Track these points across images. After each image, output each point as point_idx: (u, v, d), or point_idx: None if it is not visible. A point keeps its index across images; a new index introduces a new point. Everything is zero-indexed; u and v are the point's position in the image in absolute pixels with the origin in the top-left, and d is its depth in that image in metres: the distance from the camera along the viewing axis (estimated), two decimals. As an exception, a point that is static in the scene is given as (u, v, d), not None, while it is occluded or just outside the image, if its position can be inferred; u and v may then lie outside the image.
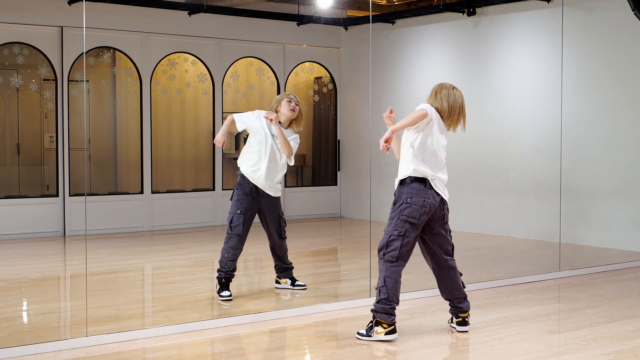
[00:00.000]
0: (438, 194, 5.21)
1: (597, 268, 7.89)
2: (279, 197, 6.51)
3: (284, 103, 6.45)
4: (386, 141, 5.05)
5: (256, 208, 6.42)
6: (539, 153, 9.91)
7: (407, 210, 5.13)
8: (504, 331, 5.45)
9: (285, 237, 6.62)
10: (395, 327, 5.17)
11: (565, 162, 9.07)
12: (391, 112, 5.42)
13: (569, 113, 9.38)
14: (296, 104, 6.47)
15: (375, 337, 5.16)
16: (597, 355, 4.88)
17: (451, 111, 5.27)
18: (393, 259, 5.14)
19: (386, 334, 5.13)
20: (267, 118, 6.32)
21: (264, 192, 6.38)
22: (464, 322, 5.43)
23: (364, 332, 5.22)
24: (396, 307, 5.19)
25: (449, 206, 5.30)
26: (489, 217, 10.56)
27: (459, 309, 5.44)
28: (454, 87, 5.38)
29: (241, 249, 6.37)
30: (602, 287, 7.07)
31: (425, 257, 5.47)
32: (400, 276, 5.19)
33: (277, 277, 6.75)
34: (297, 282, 6.70)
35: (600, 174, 9.36)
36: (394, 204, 5.23)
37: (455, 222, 10.80)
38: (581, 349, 5.02)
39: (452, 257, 5.42)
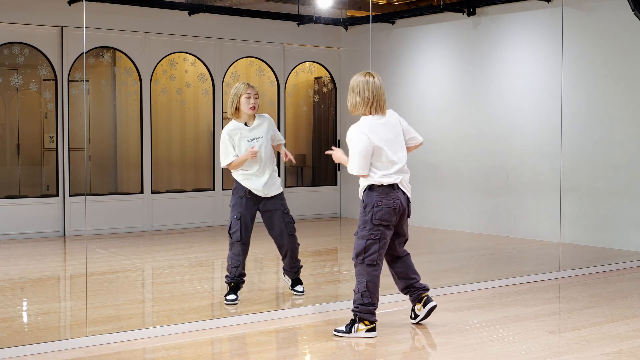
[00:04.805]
0: (404, 193, 5.29)
1: (597, 268, 7.89)
2: (278, 195, 6.34)
3: (243, 100, 6.18)
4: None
5: (254, 211, 6.28)
6: (539, 153, 9.91)
7: (379, 214, 5.19)
8: (504, 331, 5.45)
9: (294, 235, 6.39)
10: (375, 325, 5.28)
11: (565, 162, 9.07)
12: None
13: (569, 113, 9.38)
14: (256, 98, 6.21)
15: (355, 333, 5.23)
16: (597, 355, 4.88)
17: (367, 100, 5.26)
18: (373, 262, 5.22)
19: (367, 331, 5.23)
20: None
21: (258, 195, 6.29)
22: (429, 299, 5.50)
23: (344, 329, 5.28)
24: (377, 307, 5.32)
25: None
26: (489, 217, 10.56)
27: (422, 288, 5.51)
28: (366, 74, 5.34)
29: (244, 255, 6.23)
30: (602, 287, 7.07)
31: None
32: (379, 279, 5.30)
33: (283, 272, 6.64)
34: (296, 287, 6.54)
35: (600, 174, 9.36)
36: (364, 207, 5.26)
37: (456, 222, 10.89)
38: (581, 349, 5.02)
39: (404, 246, 5.55)
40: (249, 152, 6.13)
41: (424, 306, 5.48)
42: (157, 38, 11.09)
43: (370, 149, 5.15)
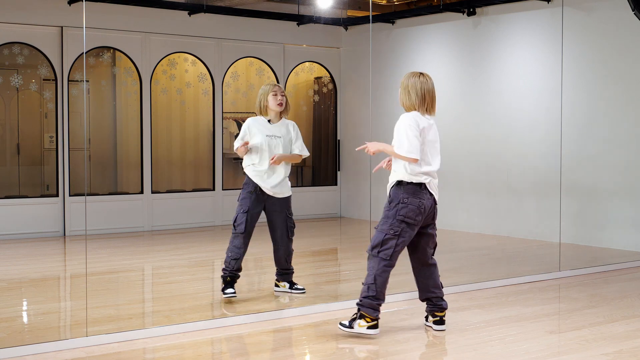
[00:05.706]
0: (431, 195, 5.31)
1: (597, 268, 7.89)
2: (287, 198, 6.43)
3: (270, 97, 6.38)
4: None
5: (260, 208, 6.36)
6: (539, 153, 9.91)
7: (404, 210, 5.20)
8: (504, 331, 5.46)
9: (292, 239, 6.52)
10: (377, 323, 5.23)
11: (565, 162, 9.07)
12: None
13: (569, 113, 9.38)
14: (282, 95, 6.40)
15: (357, 329, 5.22)
16: (597, 355, 4.88)
17: (422, 99, 5.39)
18: (387, 257, 5.20)
19: (368, 327, 5.20)
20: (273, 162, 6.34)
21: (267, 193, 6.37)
22: (441, 321, 5.45)
23: (347, 324, 5.28)
24: (382, 304, 5.26)
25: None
26: (489, 217, 10.57)
27: (437, 307, 5.45)
28: (420, 75, 5.52)
29: (245, 249, 6.31)
30: (602, 287, 7.07)
31: (409, 253, 5.52)
32: (389, 277, 5.27)
33: (276, 280, 6.72)
34: (295, 286, 6.61)
35: (600, 174, 9.36)
36: (390, 202, 5.28)
37: (456, 222, 10.89)
38: (581, 349, 5.02)
39: (433, 254, 5.51)
40: (242, 145, 6.30)
41: (435, 324, 5.46)
42: (157, 38, 11.09)
43: (419, 132, 5.26)
